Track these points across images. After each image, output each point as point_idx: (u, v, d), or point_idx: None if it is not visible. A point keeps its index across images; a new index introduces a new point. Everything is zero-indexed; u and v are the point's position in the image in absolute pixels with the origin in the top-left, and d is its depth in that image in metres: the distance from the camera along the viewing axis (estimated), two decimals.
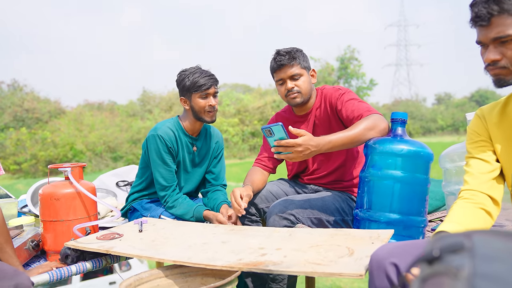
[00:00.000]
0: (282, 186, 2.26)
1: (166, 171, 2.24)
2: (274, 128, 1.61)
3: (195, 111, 2.25)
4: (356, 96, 2.01)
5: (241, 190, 1.93)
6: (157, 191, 2.27)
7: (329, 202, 1.98)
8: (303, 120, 2.20)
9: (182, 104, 2.29)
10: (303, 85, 2.07)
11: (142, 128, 23.02)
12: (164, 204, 2.26)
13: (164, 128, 2.24)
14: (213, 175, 2.48)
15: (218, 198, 2.33)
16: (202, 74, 2.21)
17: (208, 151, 2.44)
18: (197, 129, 2.35)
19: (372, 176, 1.67)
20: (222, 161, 2.53)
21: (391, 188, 1.62)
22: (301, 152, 1.61)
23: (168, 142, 2.22)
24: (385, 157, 1.64)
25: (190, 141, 2.35)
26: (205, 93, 2.21)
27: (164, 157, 2.22)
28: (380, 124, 1.75)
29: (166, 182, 2.24)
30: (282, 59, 2.04)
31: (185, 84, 2.22)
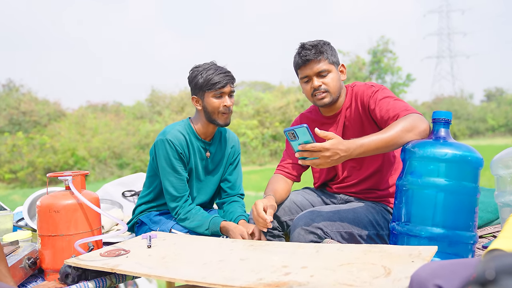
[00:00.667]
0: (307, 196, 2.25)
1: (176, 180, 2.25)
2: (298, 131, 1.61)
3: (207, 112, 2.27)
4: (392, 94, 2.00)
5: (264, 201, 1.94)
6: (167, 202, 2.29)
7: (361, 214, 1.97)
8: (331, 122, 2.19)
9: (194, 104, 2.31)
10: (332, 82, 2.07)
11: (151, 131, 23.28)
12: (175, 216, 2.27)
13: (173, 132, 2.26)
14: (229, 184, 2.48)
15: (235, 211, 2.34)
16: (217, 71, 2.22)
17: (223, 157, 2.45)
18: (210, 133, 2.36)
19: (411, 184, 1.66)
20: (238, 168, 2.53)
21: (434, 198, 1.61)
22: (329, 157, 1.61)
23: (178, 147, 2.24)
24: (426, 163, 1.63)
25: (203, 146, 2.36)
26: (220, 92, 2.22)
27: (174, 164, 2.24)
28: (420, 125, 1.73)
29: (177, 192, 2.26)
30: (308, 53, 2.04)
31: (198, 81, 2.24)
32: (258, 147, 25.56)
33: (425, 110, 28.79)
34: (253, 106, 27.17)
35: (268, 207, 1.91)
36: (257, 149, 25.55)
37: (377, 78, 31.17)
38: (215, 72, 2.22)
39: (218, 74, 2.22)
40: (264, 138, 25.91)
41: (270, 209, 1.90)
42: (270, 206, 1.92)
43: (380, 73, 31.06)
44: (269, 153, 25.65)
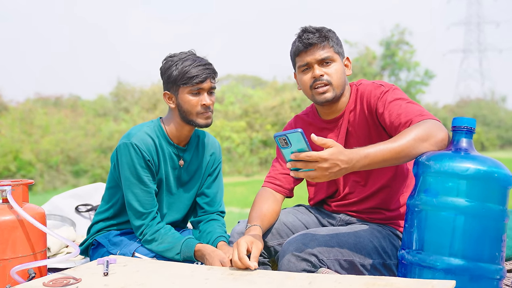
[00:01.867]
0: (300, 216, 2.26)
1: (143, 193, 2.25)
2: (291, 136, 1.61)
3: (183, 111, 2.27)
4: (404, 95, 2.01)
5: (248, 239, 1.90)
6: (131, 219, 2.28)
7: (365, 239, 1.98)
8: (332, 127, 2.21)
9: (166, 101, 2.32)
10: (336, 74, 2.09)
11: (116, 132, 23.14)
12: (140, 237, 2.27)
13: (140, 135, 2.26)
14: (207, 199, 2.48)
15: (214, 231, 2.34)
16: (195, 62, 2.23)
17: (200, 166, 2.45)
18: (185, 136, 2.37)
19: (425, 204, 1.66)
20: (219, 179, 2.54)
21: (452, 222, 1.61)
22: (327, 169, 1.61)
23: (145, 153, 2.23)
24: (443, 179, 1.63)
25: (175, 152, 2.36)
26: (197, 88, 2.23)
27: (140, 173, 2.23)
28: (437, 133, 1.74)
29: (143, 207, 2.25)
30: (311, 37, 2.07)
31: (172, 73, 2.24)
32: (246, 154, 25.54)
33: (446, 114, 28.95)
34: (241, 105, 27.17)
35: (253, 249, 1.86)
36: (244, 156, 25.53)
37: (390, 74, 31.29)
38: (193, 63, 2.23)
39: (197, 66, 2.22)
40: (253, 143, 25.90)
41: (255, 250, 1.86)
42: (256, 246, 1.87)
43: (394, 68, 31.21)
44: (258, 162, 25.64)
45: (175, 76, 2.23)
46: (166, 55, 2.33)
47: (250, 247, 1.87)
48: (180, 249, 2.17)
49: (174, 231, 2.29)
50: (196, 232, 2.48)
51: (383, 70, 31.25)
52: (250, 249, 1.86)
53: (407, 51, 31.68)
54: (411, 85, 31.19)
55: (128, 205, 2.27)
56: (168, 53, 2.34)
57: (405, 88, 28.97)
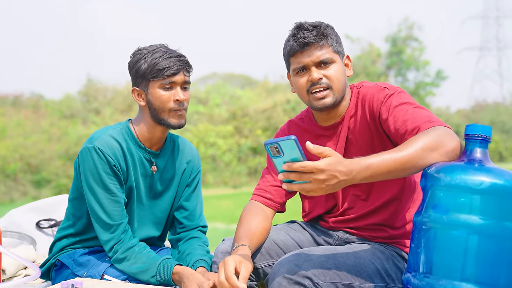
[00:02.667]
0: (293, 233, 2.26)
1: (109, 202, 2.25)
2: (284, 144, 1.61)
3: (153, 109, 2.29)
4: (411, 99, 2.02)
5: (236, 259, 1.89)
6: (98, 234, 2.28)
7: (365, 260, 1.98)
8: (330, 134, 2.22)
9: (135, 99, 2.34)
10: (336, 76, 2.10)
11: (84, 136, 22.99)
12: (111, 254, 2.26)
13: (104, 138, 2.27)
14: (186, 213, 2.49)
15: (194, 252, 2.34)
16: (166, 54, 2.26)
17: (176, 175, 2.46)
18: (157, 139, 2.38)
19: (434, 222, 1.66)
20: (198, 191, 2.56)
21: (464, 243, 1.61)
22: (324, 181, 1.61)
23: (110, 158, 2.24)
24: (454, 194, 1.63)
25: (146, 157, 2.37)
26: (169, 82, 2.25)
27: (105, 180, 2.24)
28: (448, 142, 1.75)
29: (110, 218, 2.25)
30: (307, 35, 2.07)
31: (140, 67, 2.27)
32: (233, 163, 25.51)
33: (460, 120, 29.01)
34: (228, 107, 27.18)
35: (241, 269, 1.86)
36: (231, 165, 25.51)
37: (397, 74, 31.34)
38: (164, 55, 2.25)
39: (168, 57, 2.25)
40: (241, 150, 25.89)
41: (244, 271, 1.85)
42: (245, 266, 1.87)
43: (401, 68, 31.28)
44: (247, 172, 25.62)
45: (144, 70, 2.26)
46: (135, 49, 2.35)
47: (239, 267, 1.86)
48: (156, 271, 2.16)
49: (150, 249, 2.28)
50: (175, 252, 2.47)
51: (388, 69, 31.31)
52: (238, 270, 1.86)
53: (416, 48, 31.77)
54: (420, 86, 31.24)
55: (94, 217, 2.26)
56: (138, 46, 2.36)
57: (413, 90, 29.03)
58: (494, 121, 30.01)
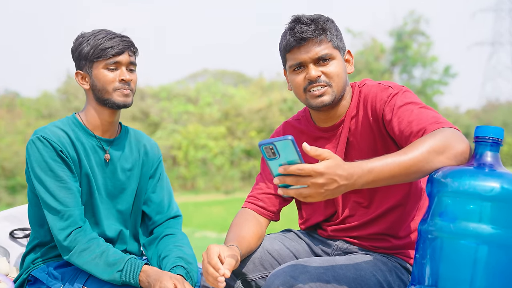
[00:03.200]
0: (289, 243, 2.26)
1: (60, 189, 2.26)
2: (280, 145, 1.61)
3: (97, 91, 2.35)
4: (417, 99, 2.02)
5: (221, 248, 1.91)
6: (52, 226, 2.26)
7: (367, 272, 1.98)
8: (329, 136, 2.22)
9: (79, 83, 2.41)
10: (336, 74, 2.11)
11: None
12: (67, 244, 2.23)
13: (48, 128, 2.32)
14: (153, 205, 2.54)
15: (170, 255, 2.34)
16: (109, 35, 2.33)
17: (135, 166, 2.50)
18: (107, 124, 2.43)
19: (441, 231, 1.66)
20: (163, 180, 2.61)
21: (473, 253, 1.61)
22: (322, 185, 1.61)
23: (56, 144, 2.27)
24: (463, 201, 1.63)
25: (98, 144, 2.41)
26: (114, 61, 2.32)
27: (52, 167, 2.26)
28: (456, 144, 1.75)
29: (62, 205, 2.25)
30: (305, 29, 2.07)
31: (83, 49, 2.34)
32: (225, 167, 25.50)
33: (470, 121, 28.99)
34: (220, 106, 27.15)
35: (226, 256, 1.87)
36: (223, 169, 25.49)
37: (402, 71, 31.29)
38: (107, 35, 2.33)
39: (112, 38, 2.33)
40: (234, 153, 25.87)
41: (230, 260, 1.86)
42: (230, 255, 1.88)
43: (407, 64, 31.23)
44: (240, 176, 25.60)
45: (87, 51, 2.33)
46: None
47: (223, 256, 1.86)
48: (123, 267, 2.17)
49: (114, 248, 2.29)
50: (148, 255, 2.48)
51: (393, 66, 31.25)
52: (223, 259, 1.86)
53: (422, 43, 31.73)
54: (427, 84, 31.17)
55: (46, 208, 2.26)
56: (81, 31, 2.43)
57: (420, 88, 28.99)
58: (507, 122, 29.90)
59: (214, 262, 1.83)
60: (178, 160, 24.23)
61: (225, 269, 1.81)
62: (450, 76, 31.61)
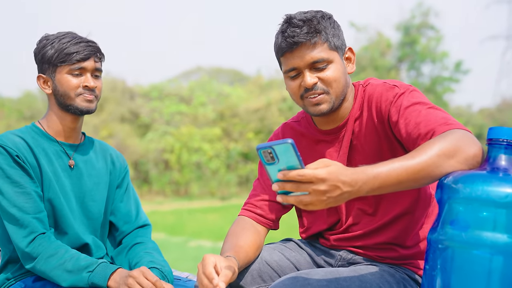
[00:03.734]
0: (289, 253, 2.26)
1: (18, 195, 2.28)
2: (279, 149, 1.60)
3: (60, 96, 2.39)
4: (425, 98, 2.02)
5: (217, 258, 1.91)
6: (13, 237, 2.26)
7: (372, 284, 1.97)
8: (331, 139, 2.22)
9: (40, 87, 2.45)
10: (334, 79, 2.10)
11: None
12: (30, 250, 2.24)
13: (4, 135, 2.34)
14: (120, 215, 2.59)
15: (141, 259, 2.40)
16: (75, 39, 2.37)
17: (102, 174, 2.54)
18: (69, 130, 2.47)
19: (452, 240, 1.65)
20: (130, 190, 2.66)
21: (487, 264, 1.60)
22: (325, 192, 1.60)
23: (11, 149, 2.28)
24: (475, 208, 1.62)
25: (61, 149, 2.44)
26: (79, 67, 2.36)
27: (9, 173, 2.27)
28: (467, 147, 1.75)
29: (22, 212, 2.26)
30: (297, 33, 2.06)
31: (47, 52, 2.37)
32: (221, 171, 25.48)
33: (484, 121, 28.94)
34: (215, 106, 27.13)
35: (223, 267, 1.87)
36: (219, 174, 25.47)
37: (409, 68, 31.11)
38: (73, 40, 2.36)
39: (77, 42, 2.36)
40: (231, 156, 25.85)
41: (226, 271, 1.85)
42: (227, 267, 1.87)
43: (415, 60, 31.06)
44: (237, 181, 25.59)
45: (50, 55, 2.36)
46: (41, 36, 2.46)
47: (219, 266, 1.86)
48: (94, 268, 2.18)
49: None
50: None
51: (400, 62, 31.11)
52: (219, 269, 1.85)
53: (432, 37, 31.62)
54: (437, 82, 31.05)
55: (6, 218, 2.27)
56: (45, 33, 2.46)
57: (429, 86, 28.88)
58: None
59: (209, 272, 1.82)
60: (171, 164, 24.19)
61: (221, 281, 1.81)
62: (461, 73, 31.45)
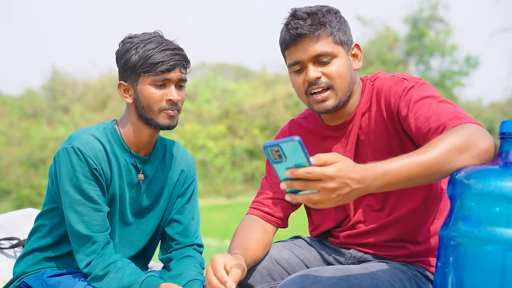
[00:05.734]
0: (298, 251, 2.27)
1: (89, 211, 2.26)
2: (286, 147, 1.60)
3: (141, 108, 2.30)
4: (435, 92, 2.02)
5: (226, 258, 1.92)
6: (74, 249, 2.28)
7: (384, 281, 1.97)
8: (339, 135, 2.22)
9: (121, 95, 2.36)
10: (338, 74, 2.10)
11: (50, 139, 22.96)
12: (87, 270, 2.25)
13: (85, 137, 2.28)
14: (180, 227, 2.52)
15: (187, 272, 2.35)
16: (162, 46, 2.26)
17: (167, 185, 2.48)
18: (145, 143, 2.39)
19: (464, 237, 1.65)
20: (193, 202, 2.57)
21: (501, 261, 1.60)
22: (334, 190, 1.60)
23: (91, 160, 2.25)
24: (488, 204, 1.62)
25: (133, 162, 2.38)
26: (163, 78, 2.26)
27: (83, 186, 2.25)
28: (479, 142, 1.74)
29: (89, 229, 2.25)
30: (300, 25, 2.06)
31: (130, 58, 2.28)
32: (226, 169, 25.47)
33: (494, 115, 28.84)
34: (220, 103, 27.11)
35: (232, 265, 1.88)
36: (224, 171, 25.46)
37: (418, 62, 31.04)
38: (159, 46, 2.26)
39: (163, 50, 2.26)
40: (236, 154, 25.84)
41: (236, 269, 1.87)
42: (236, 265, 1.89)
43: (423, 54, 31.00)
44: (242, 179, 25.58)
45: (134, 62, 2.26)
46: (124, 36, 2.37)
47: (229, 266, 1.87)
48: (139, 287, 2.17)
49: (134, 266, 2.29)
50: (164, 273, 2.47)
51: (408, 56, 31.03)
52: (228, 269, 1.86)
53: (441, 30, 31.51)
54: (447, 76, 30.96)
55: (70, 229, 2.26)
56: (128, 33, 2.37)
57: (438, 80, 28.83)
58: None
59: (221, 274, 1.83)
60: None
61: (231, 281, 1.82)
62: (471, 66, 31.33)
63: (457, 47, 30.69)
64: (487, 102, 35.90)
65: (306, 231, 2.43)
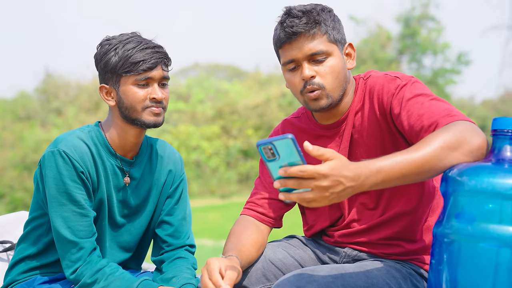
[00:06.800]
0: (293, 251, 2.27)
1: (75, 216, 2.24)
2: (280, 145, 1.60)
3: (125, 109, 2.29)
4: (427, 90, 2.02)
5: (221, 261, 1.92)
6: (61, 255, 2.26)
7: (379, 280, 1.98)
8: (332, 134, 2.23)
9: (103, 98, 2.34)
10: (331, 74, 2.10)
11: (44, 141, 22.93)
12: (74, 277, 2.24)
13: (70, 140, 2.26)
14: (170, 229, 2.50)
15: (179, 275, 2.34)
16: (141, 45, 2.26)
17: (155, 186, 2.47)
18: (131, 144, 2.39)
19: (458, 234, 1.65)
20: (183, 202, 2.57)
21: (494, 257, 1.60)
22: (327, 188, 1.60)
23: (78, 163, 2.24)
24: (481, 201, 1.62)
25: (118, 165, 2.37)
26: (145, 77, 2.26)
27: (70, 189, 2.23)
28: (471, 139, 1.75)
29: (75, 235, 2.23)
30: (295, 23, 2.06)
31: (110, 60, 2.26)
32: (220, 169, 25.47)
33: (487, 112, 28.91)
34: (213, 103, 27.10)
35: (227, 268, 1.88)
36: (219, 171, 25.46)
37: (410, 60, 31.10)
38: (138, 45, 2.25)
39: (143, 49, 2.25)
40: (230, 154, 25.84)
41: (231, 272, 1.87)
42: (231, 268, 1.89)
43: (415, 52, 31.04)
44: (237, 179, 25.59)
45: (114, 63, 2.25)
46: (102, 38, 2.35)
47: (224, 269, 1.87)
48: None
49: (124, 271, 2.27)
50: (157, 275, 2.46)
51: (400, 54, 31.08)
52: (223, 273, 1.86)
53: (433, 29, 31.58)
54: (439, 73, 31.03)
55: (56, 235, 2.24)
56: (106, 35, 2.35)
57: (430, 78, 28.88)
58: None
59: (215, 278, 1.84)
60: None
61: (226, 284, 1.82)
62: (463, 64, 31.42)
63: (449, 45, 30.76)
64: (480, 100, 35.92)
65: (301, 230, 2.43)
